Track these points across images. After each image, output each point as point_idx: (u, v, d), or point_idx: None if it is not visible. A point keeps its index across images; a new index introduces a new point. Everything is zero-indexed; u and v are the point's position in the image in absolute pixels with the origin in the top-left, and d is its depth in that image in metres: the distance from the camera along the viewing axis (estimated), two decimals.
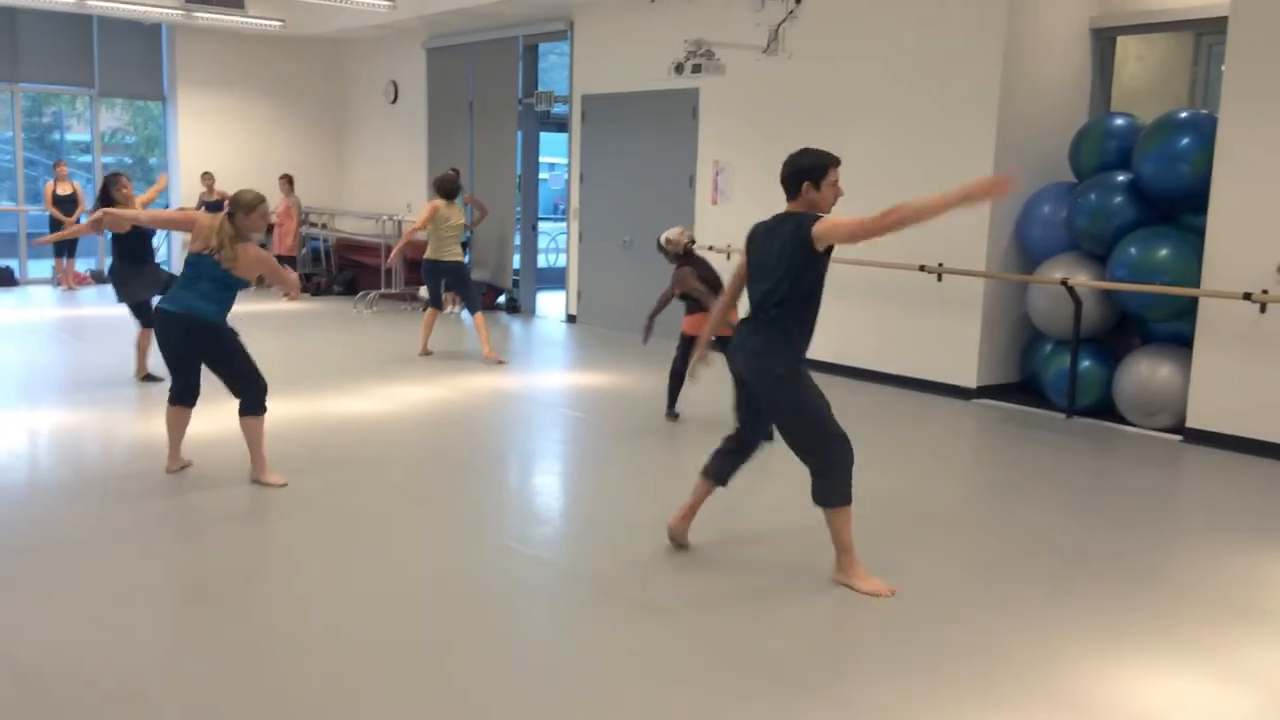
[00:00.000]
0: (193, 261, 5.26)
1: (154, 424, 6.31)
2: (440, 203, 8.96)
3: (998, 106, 7.68)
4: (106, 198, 7.33)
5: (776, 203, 9.56)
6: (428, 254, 9.11)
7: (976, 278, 7.86)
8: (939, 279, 8.04)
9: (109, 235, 7.51)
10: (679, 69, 8.75)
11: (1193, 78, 8.72)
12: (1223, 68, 6.65)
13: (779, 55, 9.02)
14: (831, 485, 4.08)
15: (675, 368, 7.04)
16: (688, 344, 6.74)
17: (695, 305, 6.79)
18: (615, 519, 5.06)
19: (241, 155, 14.45)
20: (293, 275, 5.83)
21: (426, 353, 9.25)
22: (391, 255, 10.23)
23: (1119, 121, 7.58)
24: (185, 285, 5.21)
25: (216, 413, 6.09)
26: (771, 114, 9.29)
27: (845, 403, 8.12)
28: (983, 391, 8.01)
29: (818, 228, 4.02)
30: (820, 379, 4.43)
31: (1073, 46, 8.09)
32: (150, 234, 7.78)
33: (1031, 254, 7.91)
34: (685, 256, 6.94)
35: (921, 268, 8.05)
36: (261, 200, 5.35)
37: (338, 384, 7.99)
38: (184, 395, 5.39)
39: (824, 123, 8.83)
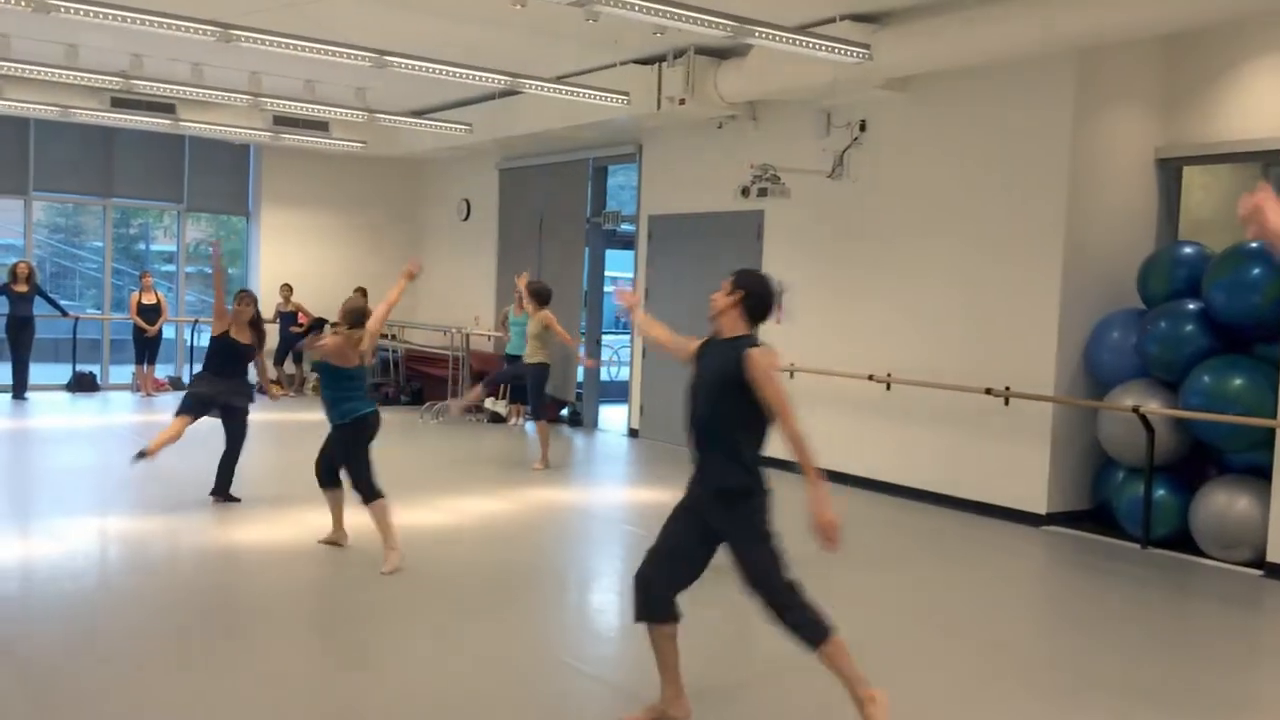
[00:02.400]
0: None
1: (218, 533, 6.44)
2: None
3: (1064, 232, 7.71)
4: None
5: (837, 322, 9.64)
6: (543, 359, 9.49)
7: (1045, 402, 7.79)
8: (1006, 403, 7.98)
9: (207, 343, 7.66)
10: (745, 192, 8.97)
11: None
12: None
13: (844, 179, 9.20)
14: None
15: None
16: None
17: None
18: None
19: (319, 268, 14.94)
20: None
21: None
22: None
23: (1188, 250, 7.57)
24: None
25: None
26: (836, 236, 9.42)
27: (909, 526, 8.07)
28: (1052, 518, 7.85)
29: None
30: (883, 499, 4.36)
31: (1139, 175, 8.14)
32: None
33: (1100, 379, 7.83)
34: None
35: (988, 390, 8.00)
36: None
37: (403, 495, 8.07)
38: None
39: (888, 246, 8.93)
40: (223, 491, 7.34)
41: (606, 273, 13.10)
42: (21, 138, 13.43)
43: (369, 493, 5.97)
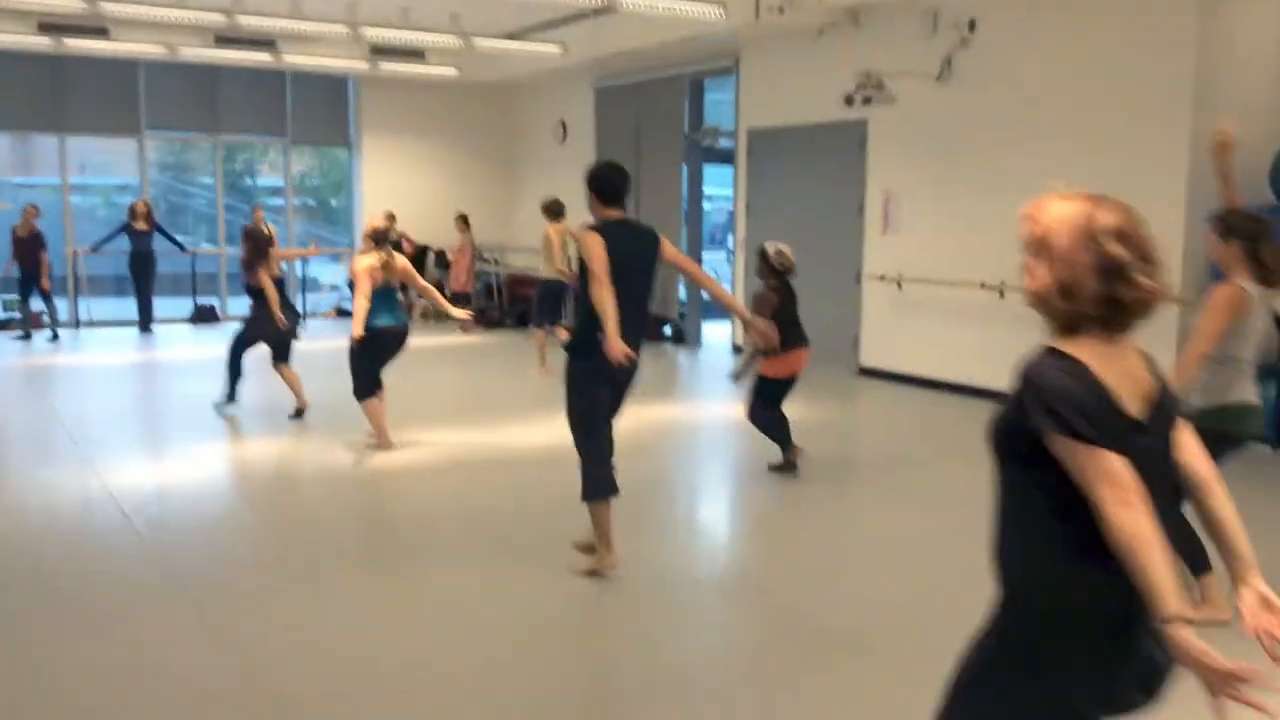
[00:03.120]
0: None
1: (344, 456, 6.67)
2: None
3: (1189, 131, 7.36)
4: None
5: (946, 231, 9.43)
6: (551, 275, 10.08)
7: (1169, 306, 7.52)
8: None
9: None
10: (849, 101, 8.77)
11: None
12: None
13: (951, 83, 8.91)
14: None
15: (769, 417, 6.29)
16: (770, 387, 6.18)
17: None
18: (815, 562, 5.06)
19: (419, 196, 15.16)
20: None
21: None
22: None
23: None
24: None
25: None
26: (944, 141, 9.16)
27: None
28: None
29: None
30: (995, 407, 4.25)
31: (1266, 67, 7.70)
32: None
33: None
34: (781, 278, 6.22)
35: None
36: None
37: (516, 414, 8.24)
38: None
39: (999, 150, 8.65)
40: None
41: (705, 190, 13.00)
42: (132, 79, 13.82)
43: (358, 393, 6.77)
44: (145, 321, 13.23)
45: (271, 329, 7.74)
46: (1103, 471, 1.74)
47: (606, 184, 4.45)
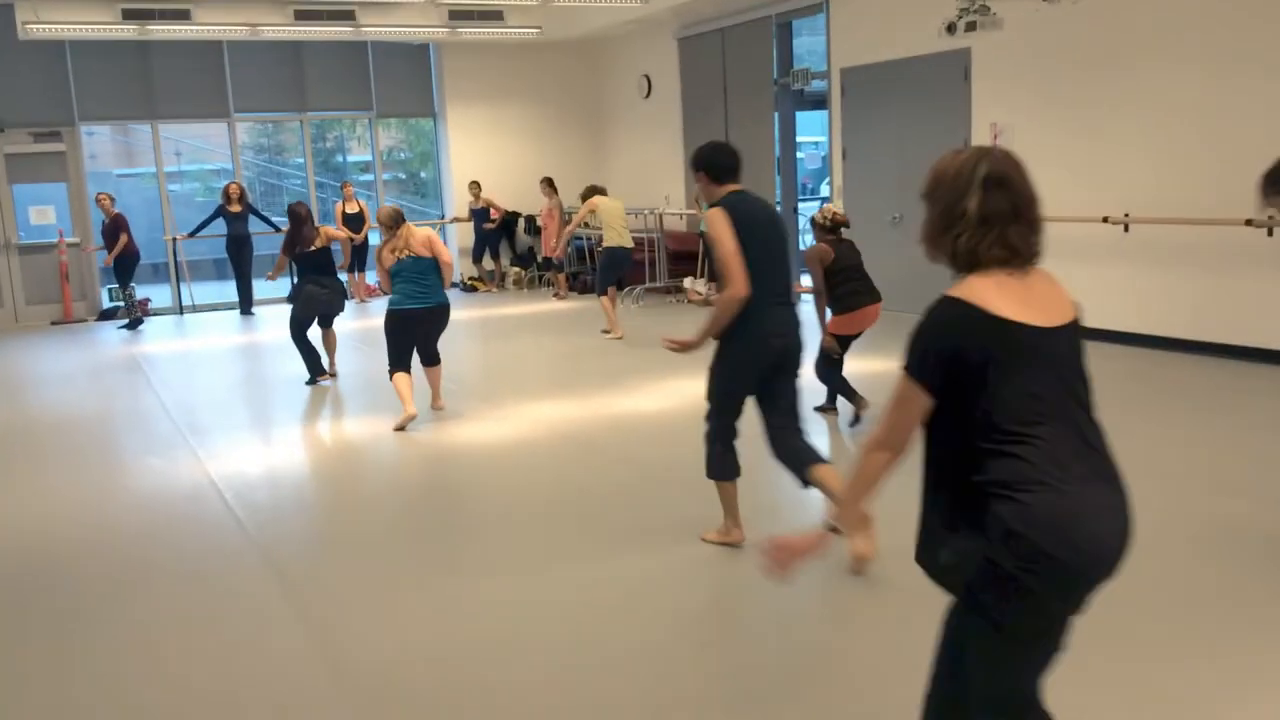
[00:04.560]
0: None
1: (445, 434, 6.49)
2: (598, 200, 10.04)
3: None
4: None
5: (1061, 162, 8.82)
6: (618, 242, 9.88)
7: None
8: (1270, 233, 7.09)
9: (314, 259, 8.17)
10: (951, 29, 8.23)
11: None
12: None
13: (1062, 3, 8.27)
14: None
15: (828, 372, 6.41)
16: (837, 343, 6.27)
17: (842, 300, 6.23)
18: None
19: (506, 162, 14.97)
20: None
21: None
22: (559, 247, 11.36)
23: None
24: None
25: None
26: (1056, 67, 8.53)
27: (1160, 377, 7.38)
28: None
29: None
30: (1126, 351, 3.82)
31: None
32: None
33: None
34: (832, 232, 6.27)
35: (1249, 222, 7.12)
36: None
37: (621, 380, 8.00)
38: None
39: (1117, 74, 8.01)
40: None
41: (799, 138, 12.50)
42: (217, 62, 13.87)
43: (390, 367, 6.84)
44: (246, 304, 13.36)
45: (316, 304, 8.07)
46: (898, 396, 2.04)
47: (715, 163, 4.15)
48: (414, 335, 6.86)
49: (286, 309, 12.26)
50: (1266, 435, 5.72)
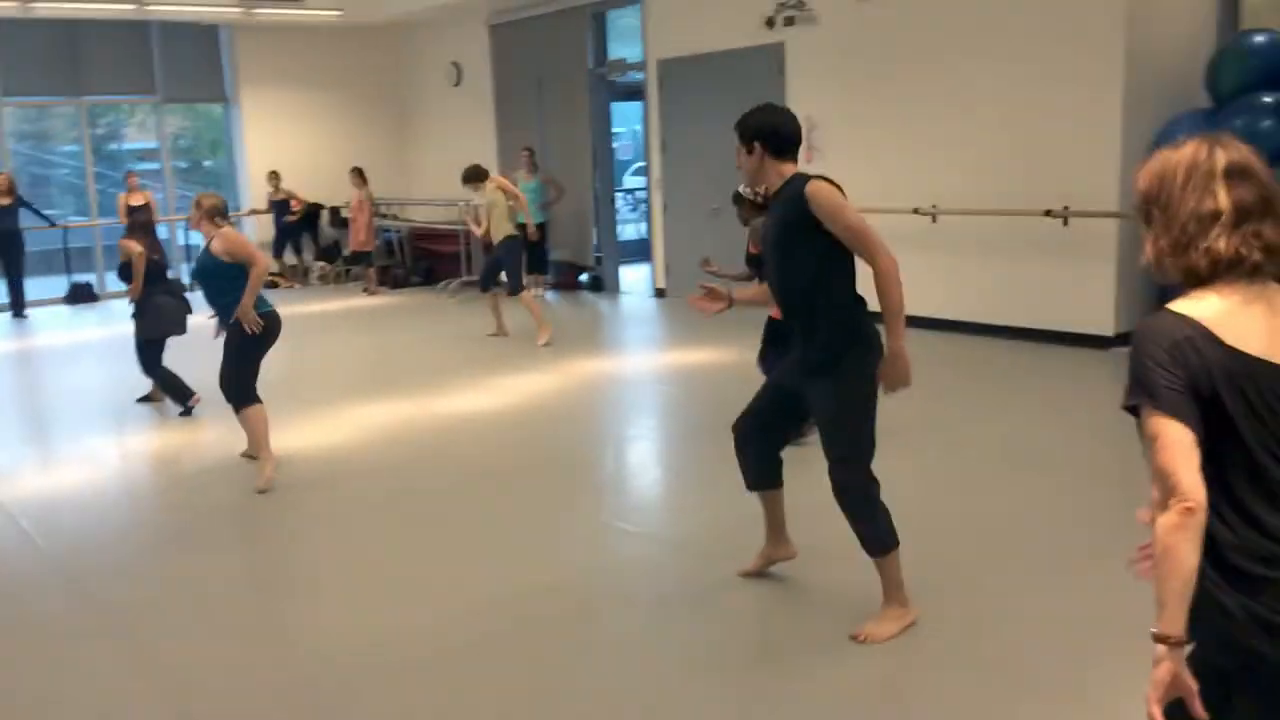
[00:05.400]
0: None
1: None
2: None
3: (1124, 33, 7.14)
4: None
5: (874, 156, 9.07)
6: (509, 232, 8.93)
7: (1109, 219, 7.36)
8: (1065, 223, 7.55)
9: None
10: (770, 23, 8.34)
11: None
12: None
13: (873, 1, 8.54)
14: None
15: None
16: (772, 330, 5.57)
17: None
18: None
19: (308, 151, 14.25)
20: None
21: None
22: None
23: (1260, 38, 7.02)
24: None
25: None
26: (867, 63, 8.80)
27: (968, 359, 7.75)
28: (1122, 339, 7.52)
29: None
30: (936, 337, 3.85)
31: None
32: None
33: None
34: (764, 210, 5.82)
35: (1048, 212, 7.55)
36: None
37: (441, 379, 7.72)
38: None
39: (925, 69, 8.34)
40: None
41: (614, 128, 12.48)
42: None
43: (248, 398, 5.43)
44: (18, 305, 12.17)
45: (170, 318, 6.65)
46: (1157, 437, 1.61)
47: (780, 133, 3.38)
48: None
49: (61, 311, 11.19)
50: (1059, 407, 6.09)
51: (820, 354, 3.32)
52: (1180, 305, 1.63)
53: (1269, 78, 6.82)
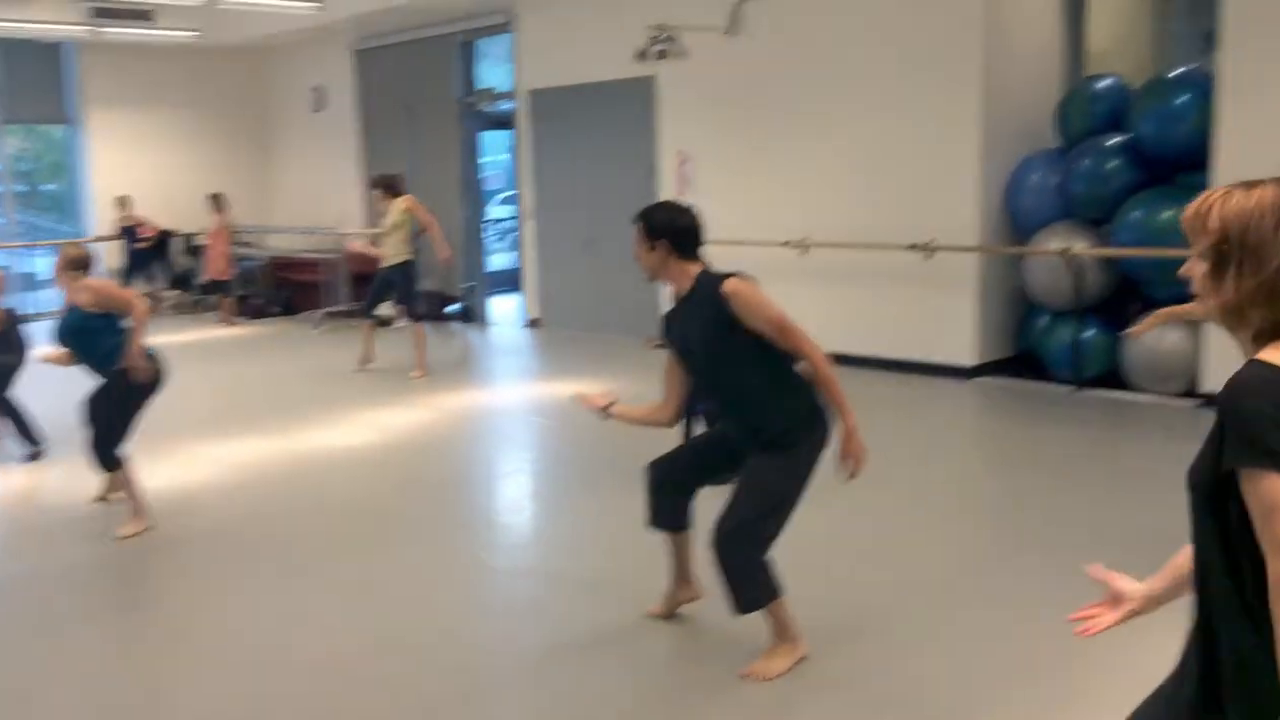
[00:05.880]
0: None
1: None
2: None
3: (980, 78, 7.44)
4: None
5: (743, 191, 9.17)
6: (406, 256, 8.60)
7: (969, 253, 7.64)
8: (929, 257, 7.80)
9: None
10: (642, 56, 8.38)
11: (1157, 34, 8.67)
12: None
13: (742, 36, 8.69)
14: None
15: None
16: None
17: None
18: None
19: (160, 176, 13.64)
20: None
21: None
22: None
23: (1105, 83, 7.42)
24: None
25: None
26: (737, 97, 8.95)
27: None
28: (982, 369, 7.79)
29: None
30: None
31: (1045, 12, 7.91)
32: None
33: (1021, 224, 7.70)
34: None
35: (912, 246, 7.79)
36: None
37: (306, 414, 7.44)
38: None
39: (795, 104, 8.53)
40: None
41: (484, 159, 12.36)
42: None
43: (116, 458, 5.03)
44: None
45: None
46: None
47: (691, 233, 3.36)
48: None
49: None
50: (923, 433, 6.26)
51: (782, 431, 3.25)
52: (1271, 357, 1.49)
53: (1112, 121, 7.20)
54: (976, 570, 4.21)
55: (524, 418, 7.50)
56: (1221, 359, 6.52)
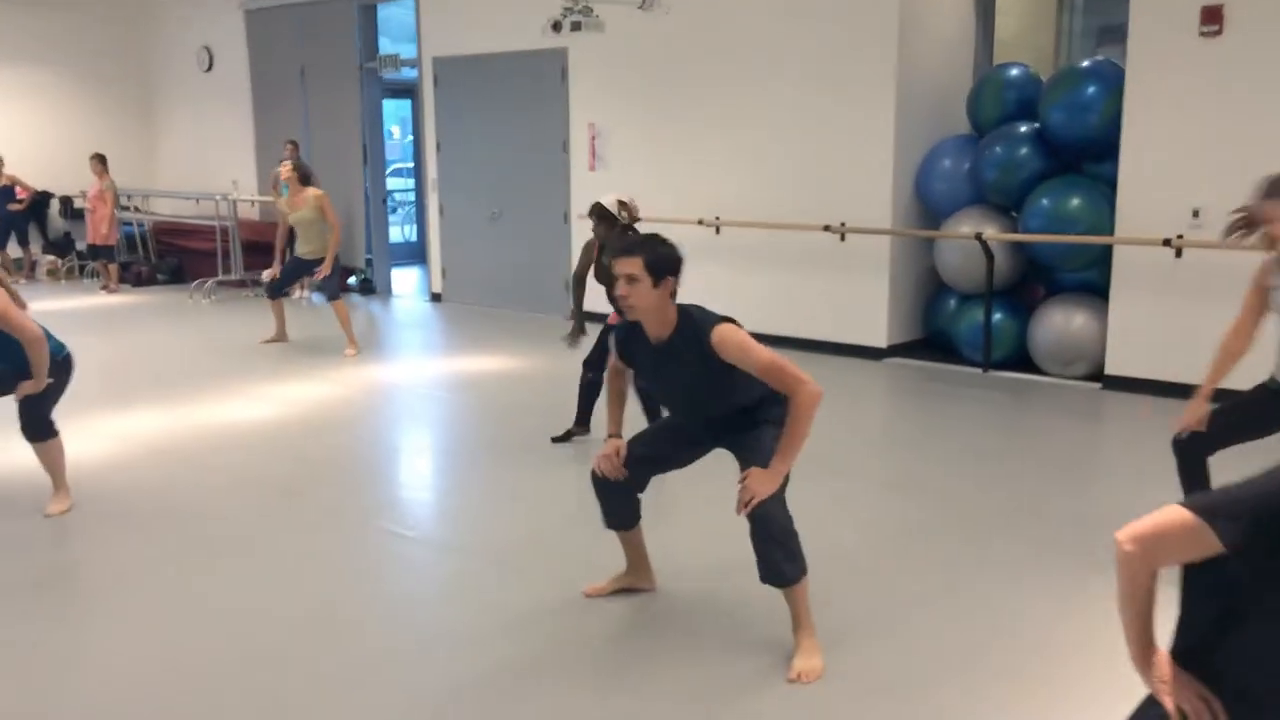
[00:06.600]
0: None
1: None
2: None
3: (896, 63, 7.51)
4: None
5: (657, 167, 9.10)
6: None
7: (882, 236, 7.72)
8: (842, 239, 7.86)
9: None
10: (556, 27, 8.19)
11: (1058, 28, 8.89)
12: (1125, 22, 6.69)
13: (656, 11, 8.60)
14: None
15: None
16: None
17: None
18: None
19: (34, 135, 12.86)
20: None
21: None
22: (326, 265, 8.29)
23: (1015, 72, 7.56)
24: None
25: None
26: (651, 73, 8.86)
27: None
28: (893, 351, 7.91)
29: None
30: None
31: (958, 2, 8.05)
32: None
33: (933, 209, 7.83)
34: (629, 230, 5.50)
35: (826, 228, 7.84)
36: None
37: (199, 385, 7.11)
38: None
39: (710, 82, 8.48)
40: None
41: (388, 126, 11.99)
42: None
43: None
44: None
45: None
46: None
47: (681, 266, 3.29)
48: None
49: None
50: (834, 413, 6.33)
51: (780, 413, 3.20)
52: None
53: (1023, 109, 7.35)
54: (897, 549, 4.25)
55: (430, 393, 7.31)
56: (1124, 345, 6.75)
